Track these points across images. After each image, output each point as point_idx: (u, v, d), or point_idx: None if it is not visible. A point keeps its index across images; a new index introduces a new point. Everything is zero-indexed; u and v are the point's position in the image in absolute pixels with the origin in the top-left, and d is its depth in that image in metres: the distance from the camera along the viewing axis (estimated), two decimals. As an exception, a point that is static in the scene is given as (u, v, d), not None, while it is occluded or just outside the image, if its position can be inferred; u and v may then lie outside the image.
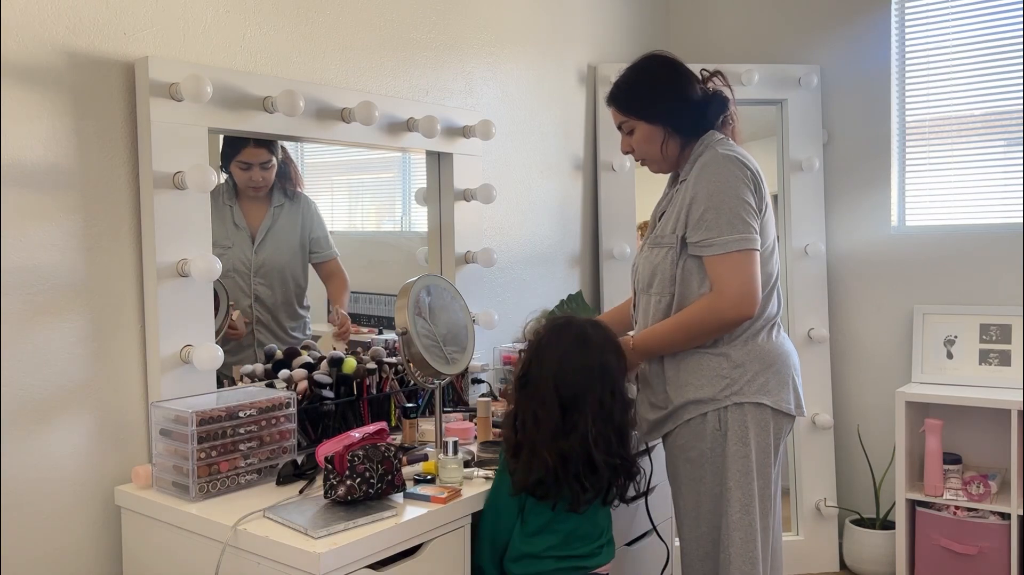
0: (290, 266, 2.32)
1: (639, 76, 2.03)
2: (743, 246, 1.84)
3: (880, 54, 3.28)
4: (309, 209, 2.36)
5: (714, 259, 1.86)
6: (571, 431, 1.75)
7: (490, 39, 2.82)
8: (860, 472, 3.35)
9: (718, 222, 1.85)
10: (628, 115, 2.02)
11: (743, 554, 1.88)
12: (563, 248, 3.18)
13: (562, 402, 1.76)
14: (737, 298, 1.84)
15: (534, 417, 1.77)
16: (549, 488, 1.75)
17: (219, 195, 2.17)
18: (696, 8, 3.68)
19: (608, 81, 3.24)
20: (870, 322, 3.35)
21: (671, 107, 1.98)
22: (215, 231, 2.02)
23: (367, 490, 1.68)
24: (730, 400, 1.89)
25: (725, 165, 1.89)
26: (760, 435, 1.90)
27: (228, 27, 2.07)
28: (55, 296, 1.78)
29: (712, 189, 1.87)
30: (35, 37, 1.74)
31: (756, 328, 1.93)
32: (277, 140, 2.23)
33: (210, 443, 1.76)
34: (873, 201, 3.32)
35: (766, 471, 1.92)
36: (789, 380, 1.95)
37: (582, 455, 1.74)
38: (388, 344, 2.45)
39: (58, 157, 1.78)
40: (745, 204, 1.86)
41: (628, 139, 2.05)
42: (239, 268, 2.21)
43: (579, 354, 1.80)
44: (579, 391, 1.77)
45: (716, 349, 1.91)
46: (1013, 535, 2.84)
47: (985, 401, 2.92)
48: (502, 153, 2.88)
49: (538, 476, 1.74)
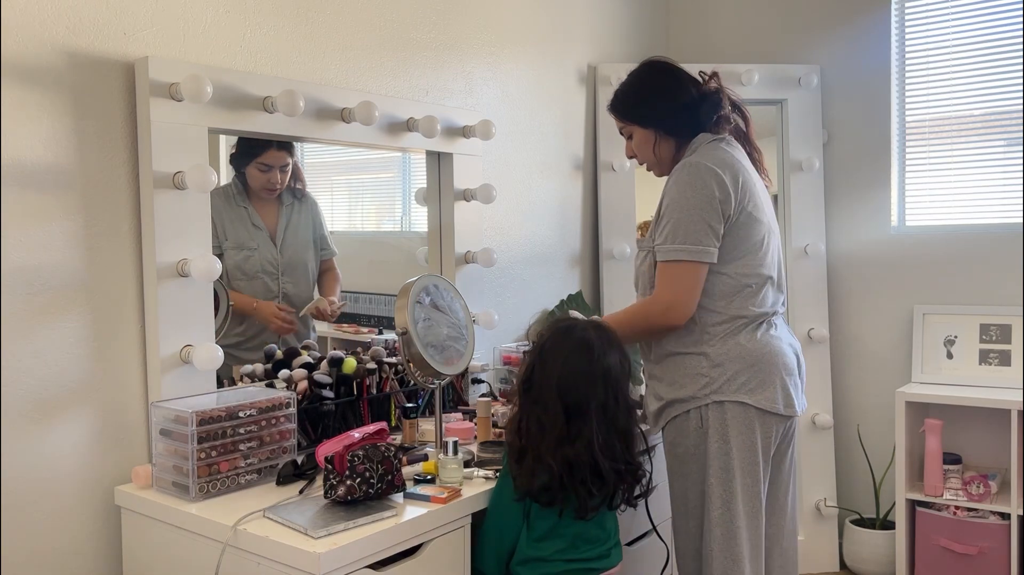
0: (309, 265, 2.35)
1: (633, 82, 2.11)
2: (683, 257, 1.90)
3: (880, 54, 3.28)
4: (315, 208, 2.39)
5: (660, 265, 1.94)
6: (576, 438, 1.75)
7: (490, 39, 2.82)
8: (860, 472, 3.35)
9: (670, 230, 1.92)
10: (624, 120, 2.12)
11: (725, 551, 1.90)
12: (563, 248, 3.18)
13: (566, 408, 1.76)
14: (665, 306, 1.92)
15: (538, 423, 1.77)
16: (555, 494, 1.75)
17: (231, 197, 2.19)
18: (696, 8, 3.69)
19: (608, 81, 3.24)
20: (870, 322, 3.35)
21: (660, 111, 2.05)
22: (236, 234, 2.05)
23: (367, 490, 1.68)
24: (709, 399, 1.92)
25: (692, 173, 1.93)
26: (743, 434, 1.91)
27: (228, 27, 2.07)
28: (55, 296, 1.78)
29: (672, 197, 1.95)
30: (35, 37, 1.74)
31: (736, 327, 1.95)
32: (298, 142, 2.25)
33: (210, 443, 1.76)
34: (873, 201, 3.32)
35: (752, 469, 1.92)
36: (775, 379, 1.94)
37: (588, 462, 1.74)
38: (388, 344, 2.45)
39: (58, 157, 1.78)
40: (700, 217, 1.90)
41: (630, 144, 2.14)
42: (267, 269, 2.23)
43: (582, 360, 1.79)
44: (582, 398, 1.77)
45: (696, 348, 1.95)
46: (1013, 535, 2.84)
47: (985, 401, 2.92)
48: (502, 153, 2.88)
49: (543, 482, 1.74)
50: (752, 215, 1.96)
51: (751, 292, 1.96)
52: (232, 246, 2.17)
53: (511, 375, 2.77)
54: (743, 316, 1.95)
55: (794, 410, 1.98)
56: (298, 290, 2.30)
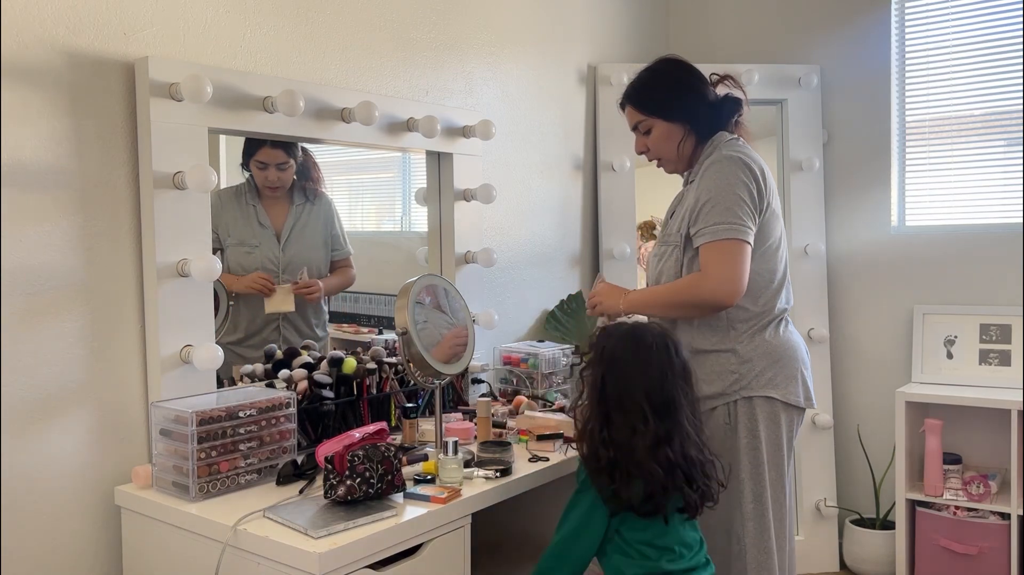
0: (315, 263, 2.36)
1: (658, 76, 2.10)
2: (731, 235, 1.90)
3: (880, 54, 3.28)
4: (330, 208, 2.41)
5: (705, 246, 1.93)
6: (671, 437, 1.73)
7: (490, 39, 2.82)
8: (860, 472, 3.34)
9: (712, 213, 1.92)
10: (646, 114, 2.08)
11: (757, 544, 1.94)
12: (563, 248, 3.18)
13: (656, 410, 1.74)
14: (719, 281, 1.90)
15: (631, 430, 1.72)
16: (658, 501, 1.71)
17: (242, 195, 2.23)
18: (696, 8, 3.68)
19: (608, 81, 3.24)
20: (870, 322, 3.35)
21: (690, 106, 2.05)
22: (240, 231, 2.09)
23: (367, 490, 1.68)
24: (738, 395, 1.95)
25: (728, 165, 1.95)
26: (770, 428, 1.97)
27: (228, 27, 2.07)
28: (55, 296, 1.78)
29: (712, 186, 1.94)
30: (35, 37, 1.74)
31: (763, 323, 1.99)
32: (297, 142, 2.26)
33: (210, 443, 1.76)
34: (873, 201, 3.32)
35: (779, 463, 1.98)
36: (797, 374, 2.00)
37: (683, 459, 1.73)
38: (388, 344, 2.45)
39: (58, 157, 1.78)
40: (740, 200, 1.92)
41: (644, 139, 2.11)
42: (267, 267, 2.25)
43: (664, 359, 1.78)
44: (671, 397, 1.76)
45: (724, 345, 1.98)
46: (1013, 535, 2.84)
47: (985, 401, 2.92)
48: (502, 153, 2.88)
49: (645, 491, 1.70)
50: (775, 212, 2.01)
51: (775, 289, 2.01)
52: (234, 243, 2.21)
53: (511, 375, 2.77)
54: (768, 312, 2.00)
55: (812, 403, 2.04)
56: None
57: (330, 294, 2.41)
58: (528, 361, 2.73)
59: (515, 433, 2.24)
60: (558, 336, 3.03)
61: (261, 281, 2.22)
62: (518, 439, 2.20)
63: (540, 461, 2.03)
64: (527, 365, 2.73)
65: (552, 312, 3.09)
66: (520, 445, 2.16)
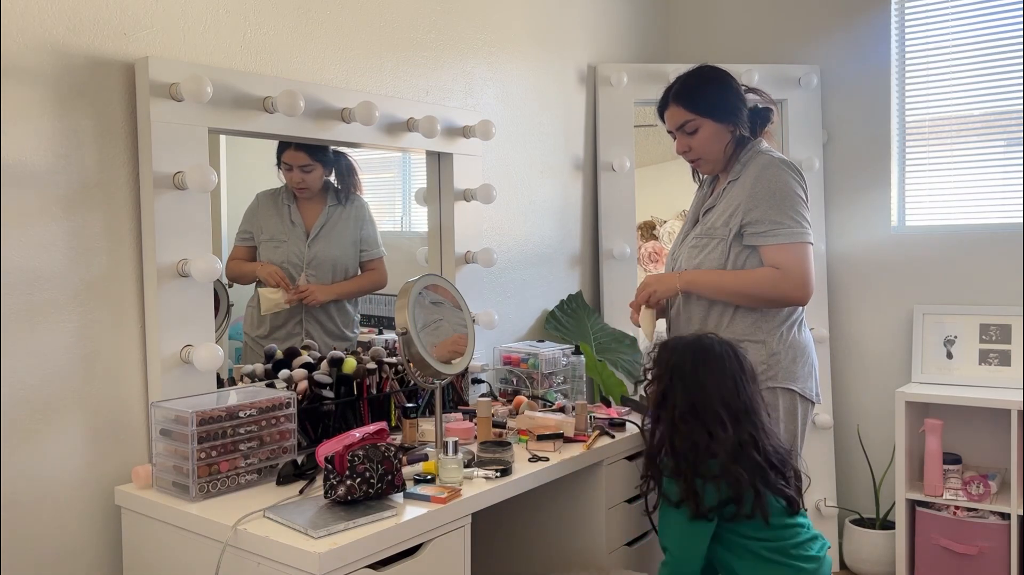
0: (341, 262, 2.40)
1: (708, 79, 2.18)
2: (803, 239, 2.06)
3: (880, 54, 3.28)
4: (363, 210, 2.46)
5: (777, 247, 2.04)
6: (755, 440, 1.81)
7: (490, 39, 2.82)
8: (860, 472, 3.35)
9: (782, 215, 2.05)
10: (697, 113, 2.15)
11: None
12: (563, 248, 3.18)
13: (733, 416, 1.81)
14: (801, 281, 2.05)
15: (708, 438, 1.80)
16: (749, 502, 1.77)
17: (279, 195, 2.32)
18: (696, 8, 3.68)
19: (608, 81, 3.24)
20: (870, 322, 3.35)
21: (739, 109, 2.16)
22: (273, 227, 2.21)
23: (367, 490, 1.68)
24: (764, 385, 2.04)
25: (784, 168, 2.11)
26: (789, 418, 2.09)
27: (228, 27, 2.07)
28: (55, 296, 1.78)
29: (775, 187, 2.07)
30: (35, 37, 1.74)
31: (792, 322, 2.13)
32: (329, 146, 2.34)
33: (210, 443, 1.76)
34: (873, 201, 3.32)
35: (794, 452, 2.06)
36: (813, 370, 2.16)
37: (765, 457, 1.80)
38: (388, 344, 2.45)
39: (58, 157, 1.78)
40: (802, 202, 2.08)
41: (687, 139, 2.18)
42: (292, 260, 2.30)
43: (736, 366, 1.87)
44: (747, 401, 1.84)
45: (758, 337, 2.09)
46: (1013, 535, 2.84)
47: (985, 401, 2.92)
48: (502, 153, 2.88)
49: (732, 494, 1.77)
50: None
51: None
52: (266, 238, 2.28)
53: (511, 375, 2.77)
54: (795, 311, 2.15)
55: (820, 399, 2.19)
56: (320, 283, 2.35)
57: (342, 297, 2.41)
58: (528, 361, 2.73)
59: (515, 433, 2.25)
60: (558, 336, 3.03)
61: (279, 273, 2.27)
62: (518, 439, 2.20)
63: (540, 461, 2.03)
64: (527, 365, 2.73)
65: (552, 312, 3.09)
66: (520, 445, 2.16)
